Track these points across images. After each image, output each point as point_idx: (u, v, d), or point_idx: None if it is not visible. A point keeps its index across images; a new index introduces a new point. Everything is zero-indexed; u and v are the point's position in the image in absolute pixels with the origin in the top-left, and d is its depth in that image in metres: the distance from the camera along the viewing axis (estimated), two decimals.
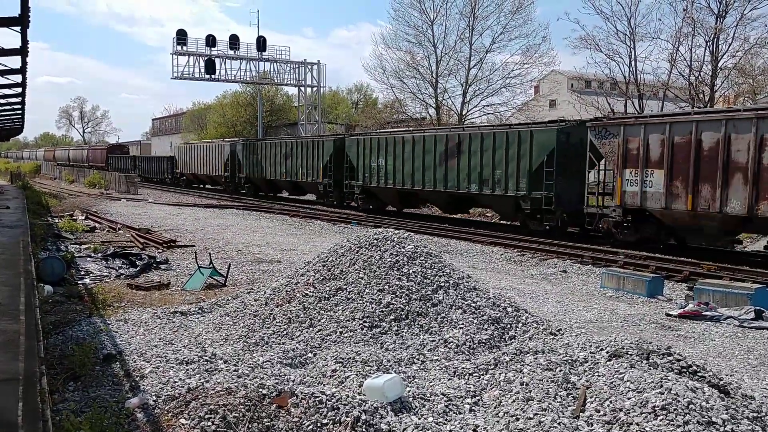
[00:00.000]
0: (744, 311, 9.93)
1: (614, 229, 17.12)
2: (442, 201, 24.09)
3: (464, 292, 7.92)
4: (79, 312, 8.98)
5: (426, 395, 5.53)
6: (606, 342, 6.13)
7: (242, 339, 7.45)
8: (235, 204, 32.47)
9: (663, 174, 15.64)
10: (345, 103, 76.19)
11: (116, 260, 13.71)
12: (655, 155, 15.88)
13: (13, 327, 6.77)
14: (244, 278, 12.31)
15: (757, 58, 29.71)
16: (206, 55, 47.38)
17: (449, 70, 41.53)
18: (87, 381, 6.09)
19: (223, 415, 5.01)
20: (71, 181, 54.78)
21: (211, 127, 67.04)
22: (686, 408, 4.67)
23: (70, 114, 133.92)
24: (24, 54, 10.75)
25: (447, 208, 24.73)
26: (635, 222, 16.82)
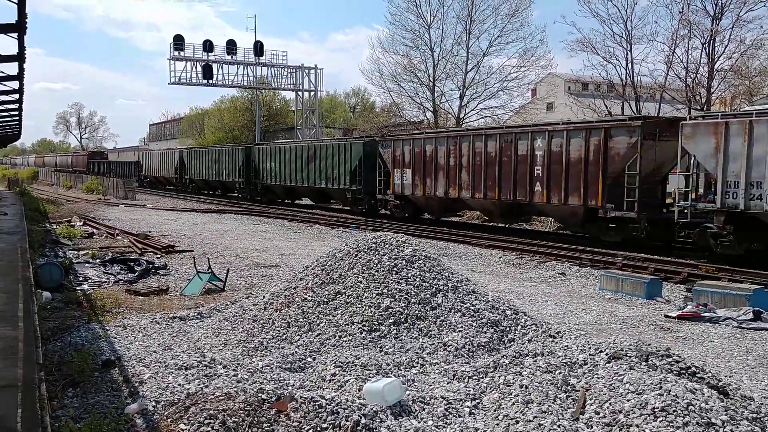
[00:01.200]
0: (742, 312, 9.94)
1: (394, 209, 26.49)
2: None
3: (463, 295, 7.92)
4: (78, 318, 8.97)
5: (426, 399, 5.53)
6: (605, 344, 6.13)
7: (241, 344, 7.45)
8: (233, 209, 32.45)
9: (411, 172, 24.56)
10: (343, 107, 76.30)
11: (114, 266, 13.69)
12: (407, 160, 24.73)
13: (12, 333, 6.76)
14: (242, 283, 12.30)
15: (753, 60, 29.84)
16: (203, 61, 47.45)
17: (446, 74, 41.64)
18: (86, 387, 6.08)
19: (223, 420, 5.00)
20: (69, 187, 54.75)
21: (209, 132, 67.09)
22: (685, 409, 4.67)
23: (67, 120, 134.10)
24: (21, 60, 10.76)
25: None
26: (402, 203, 25.82)
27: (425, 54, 41.62)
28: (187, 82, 47.73)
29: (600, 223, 18.28)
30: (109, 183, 46.68)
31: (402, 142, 25.20)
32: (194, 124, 76.75)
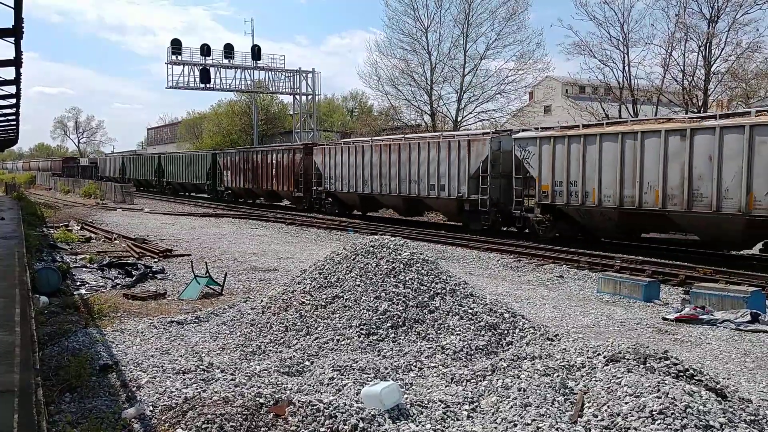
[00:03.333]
0: (740, 314, 9.95)
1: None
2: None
3: (461, 298, 7.92)
4: (75, 323, 8.93)
5: (423, 402, 5.52)
6: (603, 347, 6.13)
7: (239, 348, 7.44)
8: (231, 213, 32.43)
9: (232, 173, 38.94)
10: (340, 111, 76.37)
11: (112, 270, 13.67)
12: (234, 166, 38.41)
13: (8, 338, 6.74)
14: (240, 287, 12.29)
15: (750, 63, 29.94)
16: (201, 65, 47.44)
17: (444, 77, 41.78)
18: (83, 392, 6.06)
19: (221, 424, 4.99)
20: (66, 192, 54.67)
21: (207, 137, 67.11)
22: (683, 412, 4.67)
23: (65, 124, 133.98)
24: (18, 65, 10.75)
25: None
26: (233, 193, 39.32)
27: (423, 57, 41.77)
28: (184, 86, 47.72)
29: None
30: (107, 187, 46.64)
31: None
32: (192, 129, 76.78)
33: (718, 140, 14.70)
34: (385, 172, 25.61)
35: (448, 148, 22.66)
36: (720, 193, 14.76)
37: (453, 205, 22.92)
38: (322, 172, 29.87)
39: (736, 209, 14.52)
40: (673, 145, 15.63)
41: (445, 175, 22.79)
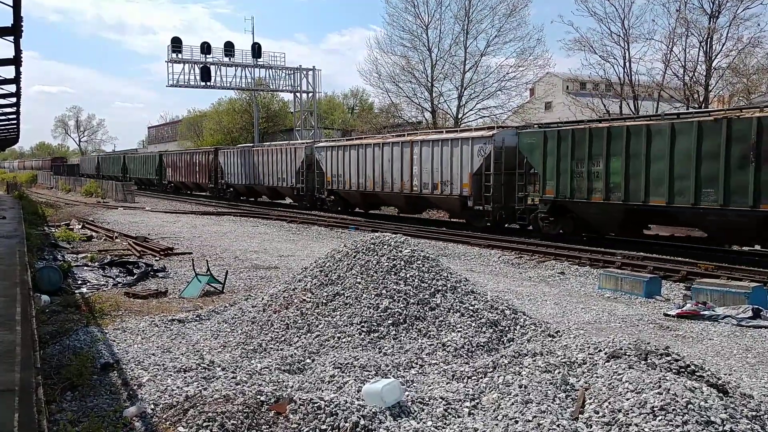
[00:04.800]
0: (742, 310, 9.94)
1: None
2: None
3: (462, 295, 7.91)
4: (76, 321, 8.94)
5: (425, 399, 5.52)
6: (604, 343, 6.12)
7: (240, 346, 7.44)
8: (232, 211, 32.44)
9: (175, 171, 47.27)
10: (341, 109, 76.29)
11: (113, 269, 13.68)
12: (175, 165, 47.01)
13: (9, 337, 6.74)
14: (241, 285, 12.29)
15: (751, 58, 29.90)
16: (201, 63, 47.37)
17: (444, 74, 41.75)
18: (84, 390, 6.06)
19: (222, 422, 4.99)
20: (68, 191, 54.72)
21: (208, 135, 67.15)
22: (685, 408, 4.66)
23: (65, 123, 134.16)
24: (18, 64, 10.75)
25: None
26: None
27: (423, 54, 41.73)
28: (185, 84, 47.68)
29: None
30: (108, 186, 46.68)
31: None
32: (193, 127, 76.79)
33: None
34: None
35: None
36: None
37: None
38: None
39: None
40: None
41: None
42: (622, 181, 16.87)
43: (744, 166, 14.46)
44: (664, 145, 15.83)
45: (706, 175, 15.07)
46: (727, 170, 14.70)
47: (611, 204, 17.30)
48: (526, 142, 19.98)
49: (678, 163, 15.58)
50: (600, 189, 17.51)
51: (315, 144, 32.02)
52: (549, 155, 18.84)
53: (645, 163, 16.30)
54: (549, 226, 19.50)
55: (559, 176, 18.58)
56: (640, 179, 16.46)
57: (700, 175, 15.17)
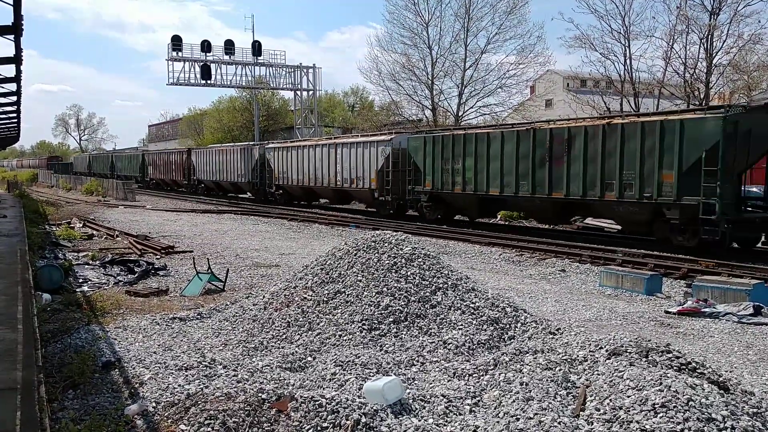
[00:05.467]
0: (742, 307, 9.94)
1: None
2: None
3: (463, 293, 7.91)
4: (78, 320, 8.95)
5: (426, 397, 5.52)
6: (605, 340, 6.12)
7: (241, 344, 7.44)
8: (232, 209, 32.46)
9: (156, 169, 50.46)
10: (341, 107, 76.24)
11: (114, 267, 13.69)
12: (155, 164, 50.89)
13: (11, 336, 6.75)
14: (242, 283, 12.30)
15: (752, 55, 29.85)
16: (201, 61, 47.40)
17: (445, 72, 41.71)
18: (86, 389, 6.07)
19: (223, 420, 5.00)
20: (68, 189, 54.75)
21: (208, 133, 67.12)
22: (686, 405, 4.66)
23: (66, 122, 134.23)
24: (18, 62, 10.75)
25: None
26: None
27: (423, 52, 41.71)
28: (185, 82, 47.70)
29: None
30: (109, 185, 46.71)
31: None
32: (193, 125, 76.77)
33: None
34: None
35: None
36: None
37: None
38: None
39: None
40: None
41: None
42: (473, 176, 21.58)
43: (543, 165, 19.09)
44: (498, 148, 20.54)
45: (522, 171, 19.78)
46: (534, 168, 19.34)
47: (467, 194, 22.11)
48: (412, 145, 24.65)
49: (506, 162, 20.27)
50: (460, 182, 22.27)
51: (266, 145, 36.81)
52: (427, 156, 23.60)
53: (486, 162, 21.06)
54: (430, 212, 24.34)
55: (435, 172, 23.34)
56: (484, 174, 21.20)
57: (518, 171, 19.89)
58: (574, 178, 18.19)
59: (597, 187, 17.58)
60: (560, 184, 18.58)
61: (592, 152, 17.70)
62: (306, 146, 31.93)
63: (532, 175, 19.29)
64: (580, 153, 18.00)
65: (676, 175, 15.68)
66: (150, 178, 53.71)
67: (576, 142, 18.17)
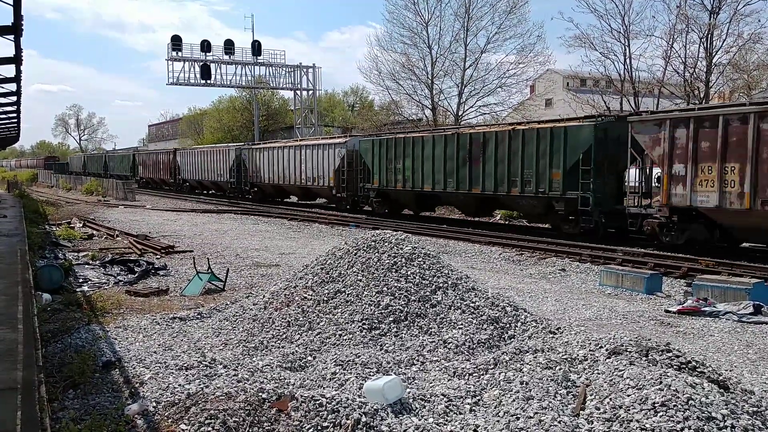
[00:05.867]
0: (742, 306, 9.94)
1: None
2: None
3: (463, 292, 7.92)
4: (78, 320, 8.96)
5: (426, 396, 5.53)
6: (605, 340, 6.13)
7: (241, 343, 7.44)
8: (233, 209, 32.48)
9: (145, 168, 51.83)
10: (341, 106, 76.19)
11: (114, 267, 13.69)
12: (145, 163, 51.48)
13: (11, 336, 6.76)
14: (242, 283, 12.30)
15: (752, 54, 29.82)
16: (201, 61, 47.40)
17: (445, 71, 41.66)
18: (86, 388, 6.08)
19: (223, 420, 5.00)
20: (68, 189, 54.76)
21: (208, 133, 67.11)
22: (686, 404, 4.67)
23: (66, 122, 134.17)
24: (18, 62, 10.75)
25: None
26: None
27: (423, 52, 41.67)
28: (185, 82, 47.71)
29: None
30: (109, 184, 46.73)
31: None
32: (193, 125, 76.76)
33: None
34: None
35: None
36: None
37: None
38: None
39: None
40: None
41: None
42: (411, 174, 24.41)
43: (465, 165, 21.94)
44: (430, 150, 23.36)
45: (449, 170, 22.59)
46: (458, 167, 22.19)
47: (407, 190, 25.00)
48: (363, 147, 27.43)
49: (436, 162, 23.06)
50: (401, 180, 25.07)
51: (242, 147, 39.80)
52: (375, 157, 26.34)
53: (421, 162, 23.82)
54: (378, 207, 27.20)
55: (381, 171, 26.14)
56: (419, 173, 24.00)
57: (446, 170, 22.68)
58: (488, 176, 21.07)
59: (505, 184, 20.51)
60: (478, 181, 21.47)
61: (501, 154, 20.56)
62: (275, 148, 35.04)
63: (456, 174, 22.31)
64: (492, 155, 20.89)
65: (562, 174, 18.61)
66: (140, 177, 56.13)
67: (489, 145, 21.02)
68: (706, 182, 15.02)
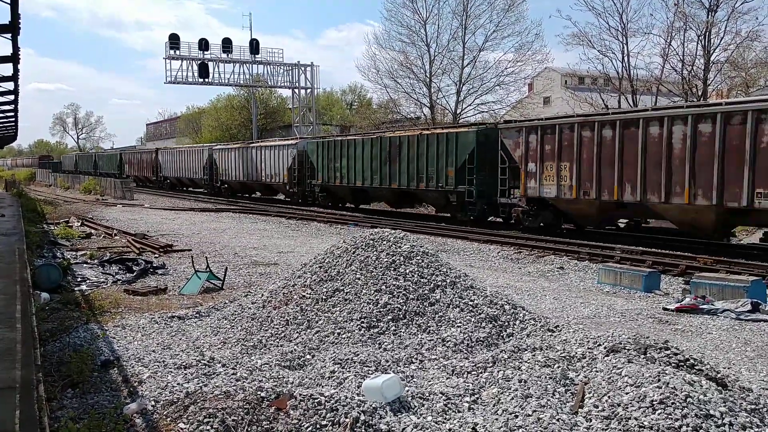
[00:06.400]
0: (740, 304, 9.96)
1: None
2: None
3: (461, 290, 7.92)
4: (76, 319, 8.95)
5: (425, 394, 5.53)
6: (603, 337, 6.13)
7: (240, 342, 7.44)
8: (231, 207, 32.48)
9: (131, 166, 57.89)
10: (339, 105, 76.13)
11: (113, 266, 13.68)
12: (131, 162, 58.22)
13: (10, 335, 6.75)
14: (241, 281, 12.30)
15: (749, 51, 29.83)
16: (199, 59, 47.37)
17: (443, 69, 41.66)
18: (85, 388, 6.07)
19: (222, 418, 5.00)
20: (66, 188, 54.69)
21: (206, 131, 67.05)
22: (684, 401, 4.68)
23: (64, 121, 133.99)
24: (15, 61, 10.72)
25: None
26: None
27: (421, 50, 41.66)
28: (183, 81, 47.68)
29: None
30: (107, 183, 46.68)
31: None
32: (191, 123, 76.66)
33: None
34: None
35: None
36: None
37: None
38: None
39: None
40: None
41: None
42: (347, 172, 28.30)
43: (386, 164, 25.86)
44: (360, 151, 27.23)
45: (374, 168, 26.47)
46: (381, 166, 26.06)
47: (344, 186, 28.89)
48: (310, 148, 31.55)
49: (365, 162, 26.96)
50: (339, 177, 29.03)
51: (213, 147, 43.81)
52: (319, 157, 30.40)
53: (354, 161, 27.70)
54: (323, 200, 30.95)
55: (323, 170, 30.14)
56: (353, 171, 27.87)
57: (372, 168, 26.61)
58: (403, 174, 25.00)
59: (415, 180, 24.42)
60: (396, 177, 25.39)
61: (412, 155, 24.43)
62: (240, 148, 38.83)
63: (380, 171, 26.21)
64: (405, 156, 24.80)
65: (454, 171, 22.41)
66: (126, 174, 59.09)
67: (403, 147, 24.92)
68: (549, 177, 18.84)
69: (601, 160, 17.25)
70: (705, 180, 14.85)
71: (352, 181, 28.04)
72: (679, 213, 16.01)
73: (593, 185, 17.45)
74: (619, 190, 16.83)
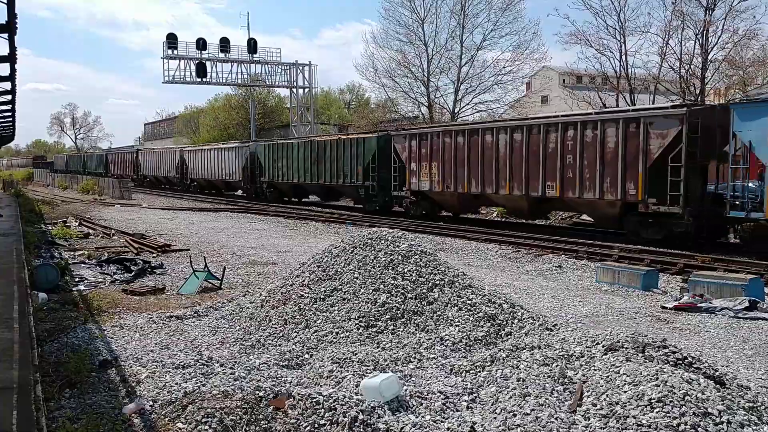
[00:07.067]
0: (738, 302, 9.97)
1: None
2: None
3: (459, 289, 7.92)
4: (74, 319, 8.93)
5: (423, 393, 5.53)
6: (602, 336, 6.14)
7: (238, 342, 7.44)
8: (229, 207, 32.47)
9: (115, 166, 61.92)
10: (337, 104, 76.08)
11: (111, 266, 13.66)
12: (114, 162, 63.22)
13: (7, 335, 6.74)
14: (239, 281, 12.29)
15: (747, 50, 29.84)
16: (197, 59, 47.31)
17: (441, 69, 41.67)
18: (83, 388, 6.06)
19: (220, 418, 5.00)
20: (64, 188, 54.64)
21: (204, 131, 67.01)
22: (682, 400, 4.68)
23: (61, 120, 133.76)
24: (12, 61, 10.68)
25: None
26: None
27: (419, 49, 41.67)
28: (181, 80, 47.63)
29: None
30: (105, 183, 46.64)
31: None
32: (189, 123, 76.61)
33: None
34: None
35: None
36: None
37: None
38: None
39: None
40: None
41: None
42: (287, 170, 32.90)
43: (315, 163, 30.43)
44: (300, 153, 31.67)
45: (307, 167, 31.05)
46: (312, 165, 30.61)
47: (286, 182, 33.54)
48: (258, 150, 36.15)
49: (301, 161, 31.51)
50: (281, 175, 33.55)
51: (183, 148, 49.25)
52: (266, 158, 35.04)
53: (292, 161, 32.23)
54: (270, 195, 35.52)
55: (269, 169, 34.77)
56: (292, 169, 32.43)
57: (305, 167, 31.18)
58: (328, 172, 29.51)
59: (335, 177, 29.03)
60: (323, 175, 29.91)
61: (333, 156, 29.10)
62: (205, 150, 43.86)
63: (311, 169, 30.72)
64: (329, 156, 29.40)
65: (362, 170, 27.26)
66: (111, 173, 62.83)
67: (327, 150, 29.58)
68: (425, 175, 23.65)
69: (456, 162, 22.06)
70: (518, 176, 19.70)
71: (291, 178, 32.71)
72: (506, 201, 21.24)
73: (452, 181, 22.31)
74: (467, 184, 21.76)
